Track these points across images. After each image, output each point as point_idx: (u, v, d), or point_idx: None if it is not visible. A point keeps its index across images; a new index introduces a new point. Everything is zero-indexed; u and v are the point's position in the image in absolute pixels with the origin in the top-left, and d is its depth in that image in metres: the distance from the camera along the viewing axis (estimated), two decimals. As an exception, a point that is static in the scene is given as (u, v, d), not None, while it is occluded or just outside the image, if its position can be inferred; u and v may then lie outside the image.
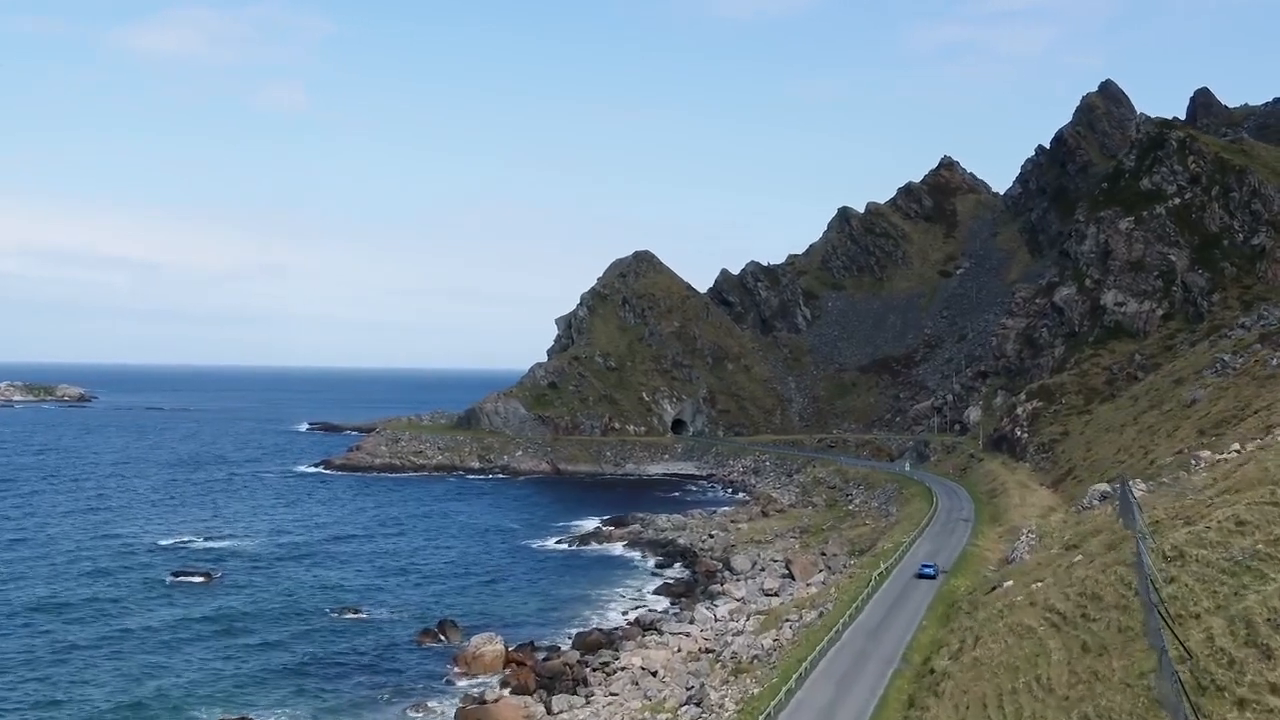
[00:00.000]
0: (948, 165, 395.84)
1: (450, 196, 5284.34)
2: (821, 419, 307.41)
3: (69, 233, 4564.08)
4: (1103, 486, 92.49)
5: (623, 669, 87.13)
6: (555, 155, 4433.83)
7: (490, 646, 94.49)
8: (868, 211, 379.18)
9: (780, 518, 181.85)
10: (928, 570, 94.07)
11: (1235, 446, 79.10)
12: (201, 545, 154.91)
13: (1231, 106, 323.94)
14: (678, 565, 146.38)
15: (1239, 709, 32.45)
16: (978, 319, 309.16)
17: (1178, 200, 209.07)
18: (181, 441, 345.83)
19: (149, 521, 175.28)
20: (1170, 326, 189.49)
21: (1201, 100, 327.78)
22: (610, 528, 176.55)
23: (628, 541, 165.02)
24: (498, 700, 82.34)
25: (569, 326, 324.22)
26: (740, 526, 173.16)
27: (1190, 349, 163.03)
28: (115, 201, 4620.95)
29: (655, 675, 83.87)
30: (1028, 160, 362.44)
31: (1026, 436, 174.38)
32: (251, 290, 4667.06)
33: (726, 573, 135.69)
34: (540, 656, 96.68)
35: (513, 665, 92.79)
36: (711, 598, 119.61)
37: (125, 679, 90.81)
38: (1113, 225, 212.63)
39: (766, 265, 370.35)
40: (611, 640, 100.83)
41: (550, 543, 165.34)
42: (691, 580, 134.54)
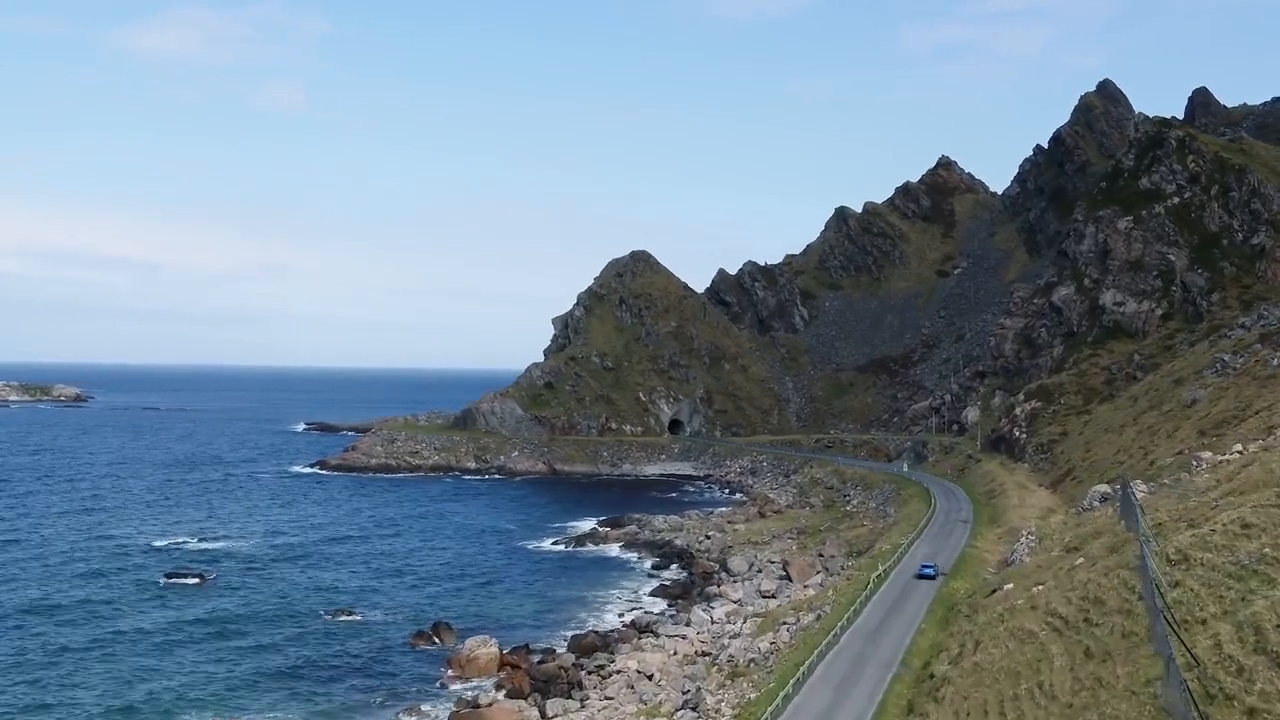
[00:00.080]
0: (945, 165, 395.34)
1: (450, 196, 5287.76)
2: (819, 419, 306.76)
3: (68, 233, 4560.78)
4: (1103, 488, 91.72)
5: (618, 672, 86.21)
6: (555, 155, 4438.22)
7: (485, 649, 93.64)
8: (865, 211, 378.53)
9: (777, 519, 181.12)
10: (928, 570, 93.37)
11: (1237, 447, 78.33)
12: (196, 546, 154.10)
13: (1230, 106, 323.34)
14: (674, 567, 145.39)
15: (1248, 718, 31.60)
16: (976, 319, 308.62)
17: (1177, 200, 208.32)
18: (178, 442, 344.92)
19: (143, 522, 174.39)
20: (1169, 326, 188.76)
21: (1200, 100, 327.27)
22: (606, 529, 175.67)
23: (624, 543, 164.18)
24: (491, 704, 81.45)
25: (566, 326, 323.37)
26: (737, 527, 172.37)
27: (1190, 349, 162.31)
28: (114, 201, 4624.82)
29: (651, 679, 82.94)
30: (1026, 160, 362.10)
31: (1025, 437, 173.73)
32: (251, 291, 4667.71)
33: (723, 574, 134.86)
34: (535, 659, 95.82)
35: (507, 668, 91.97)
36: (708, 600, 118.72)
37: (116, 682, 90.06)
38: (1111, 225, 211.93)
39: (764, 265, 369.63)
40: (607, 643, 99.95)
41: (546, 544, 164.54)
42: (688, 582, 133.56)
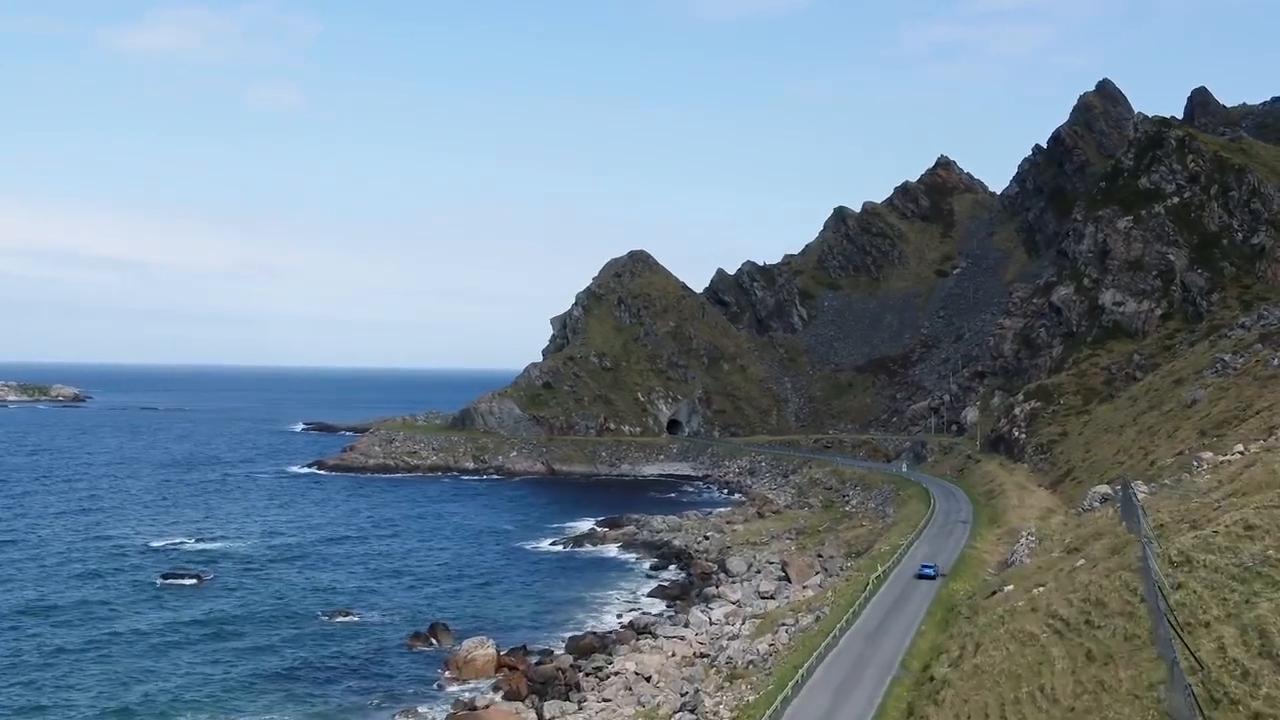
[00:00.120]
0: (944, 165, 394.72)
1: (448, 196, 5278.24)
2: (818, 419, 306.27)
3: (62, 232, 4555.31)
4: (1103, 488, 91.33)
5: (616, 674, 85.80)
6: (553, 155, 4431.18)
7: (482, 650, 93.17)
8: (864, 211, 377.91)
9: (776, 519, 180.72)
10: (928, 570, 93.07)
11: (1239, 448, 77.96)
12: (193, 547, 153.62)
13: (1229, 106, 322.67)
14: (673, 567, 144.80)
15: (1254, 723, 31.18)
16: (974, 319, 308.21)
17: (1176, 199, 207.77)
18: (175, 442, 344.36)
19: (141, 523, 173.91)
20: (1169, 326, 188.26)
21: (1199, 100, 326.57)
22: (605, 529, 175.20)
23: (622, 543, 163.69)
24: (488, 706, 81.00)
25: (564, 326, 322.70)
26: (736, 528, 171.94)
27: (1190, 349, 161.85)
28: (110, 201, 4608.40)
29: (649, 680, 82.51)
30: (1025, 160, 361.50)
31: (1024, 437, 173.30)
32: (249, 291, 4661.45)
33: (722, 575, 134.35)
34: (533, 661, 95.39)
35: (505, 670, 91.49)
36: (707, 600, 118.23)
37: (112, 683, 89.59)
38: (1111, 224, 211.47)
39: (762, 265, 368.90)
40: (605, 644, 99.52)
41: (544, 544, 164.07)
42: (687, 583, 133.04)
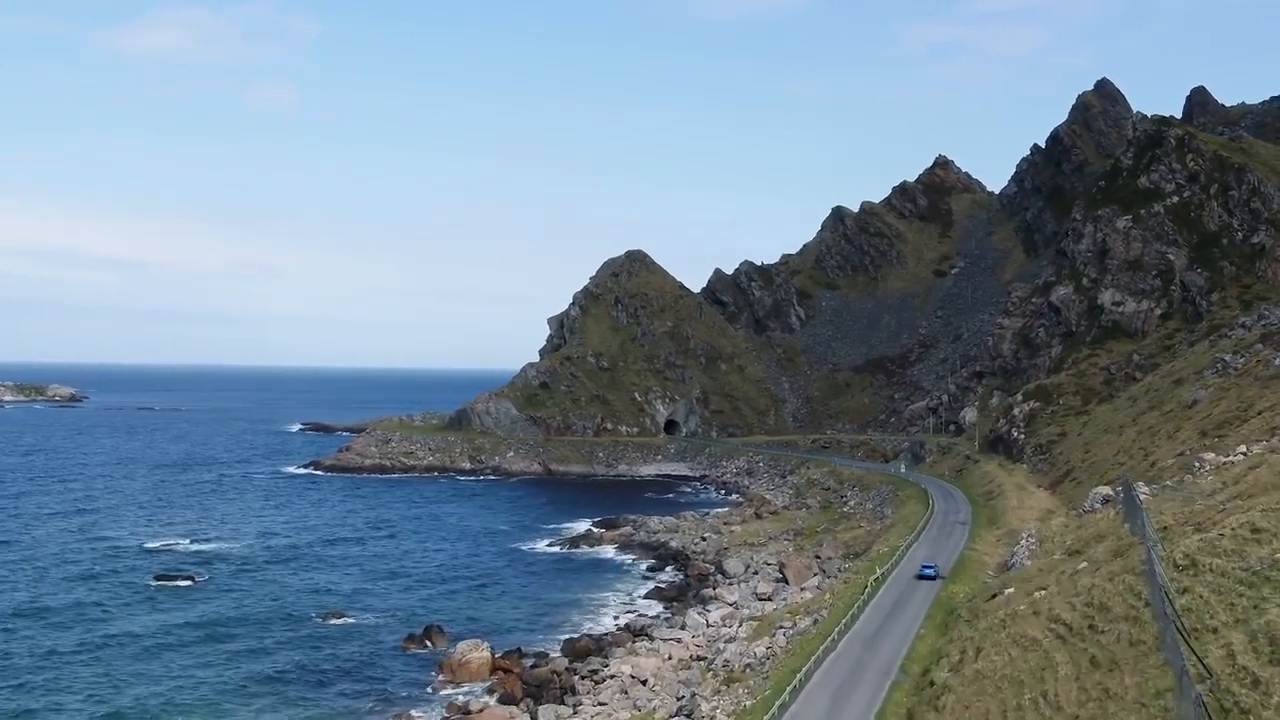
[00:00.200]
0: (942, 164, 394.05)
1: (448, 196, 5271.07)
2: (815, 420, 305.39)
3: (63, 233, 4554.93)
4: (1104, 489, 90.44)
5: (612, 677, 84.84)
6: (552, 155, 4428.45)
7: (476, 653, 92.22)
8: (862, 211, 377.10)
9: (774, 520, 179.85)
10: (928, 571, 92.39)
11: (1241, 449, 77.19)
12: (188, 548, 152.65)
13: (1228, 105, 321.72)
14: (670, 569, 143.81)
15: (1265, 734, 30.29)
16: (973, 319, 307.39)
17: (1176, 198, 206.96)
18: (172, 442, 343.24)
19: (136, 524, 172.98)
20: (1169, 326, 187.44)
21: (1198, 99, 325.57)
22: (602, 530, 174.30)
23: (619, 544, 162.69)
24: (483, 710, 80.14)
25: (561, 326, 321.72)
26: (733, 529, 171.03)
27: (1189, 349, 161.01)
28: (110, 201, 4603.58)
29: (645, 684, 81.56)
30: (1023, 159, 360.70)
31: (1023, 438, 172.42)
32: (251, 291, 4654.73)
33: (719, 576, 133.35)
34: (528, 664, 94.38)
35: (499, 673, 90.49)
36: (704, 602, 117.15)
37: (104, 687, 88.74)
38: (1110, 224, 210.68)
39: (760, 265, 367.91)
40: (601, 647, 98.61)
41: (541, 545, 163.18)
42: (684, 584, 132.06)
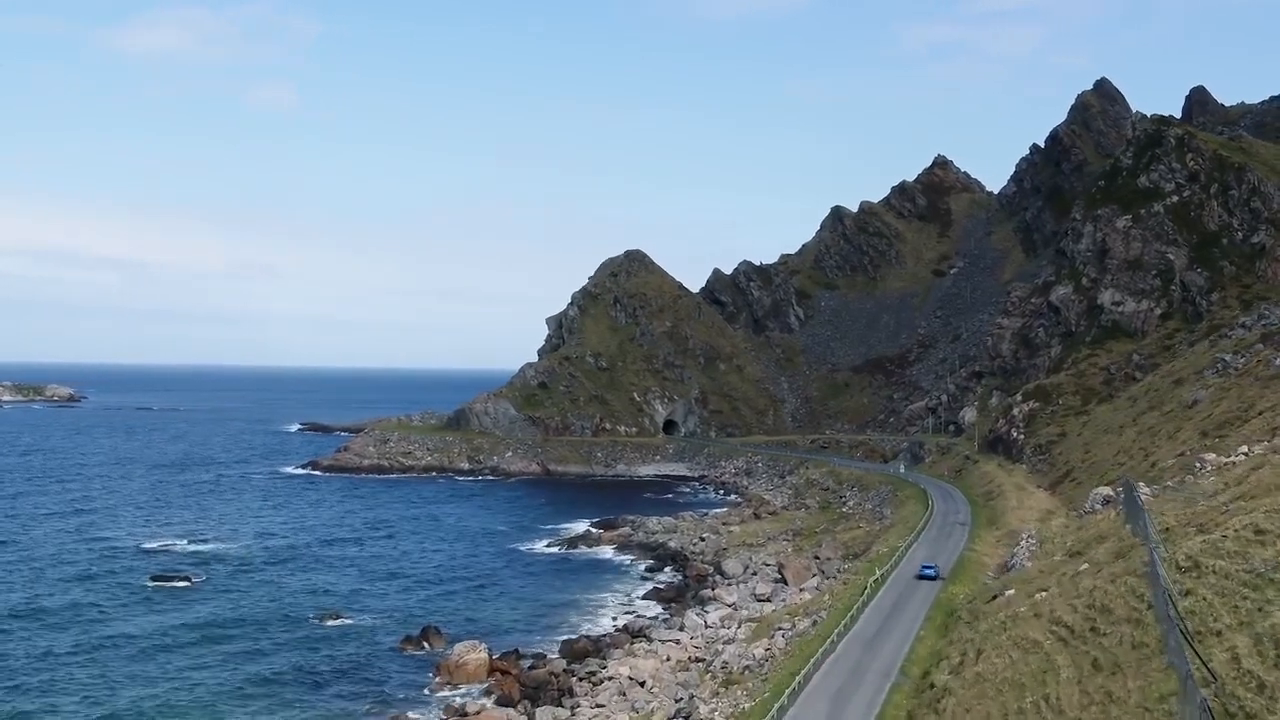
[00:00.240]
0: (941, 164, 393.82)
1: (448, 196, 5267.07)
2: (814, 420, 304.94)
3: (63, 233, 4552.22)
4: (1105, 490, 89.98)
5: (610, 679, 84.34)
6: (552, 155, 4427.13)
7: (474, 655, 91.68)
8: (861, 210, 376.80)
9: (772, 520, 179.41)
10: (929, 571, 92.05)
11: (1243, 449, 76.72)
12: (186, 549, 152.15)
13: (1228, 105, 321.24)
14: (668, 569, 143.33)
15: (1271, 739, 29.83)
16: (972, 319, 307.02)
17: (1176, 198, 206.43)
18: (170, 442, 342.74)
19: (133, 524, 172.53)
20: (1169, 326, 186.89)
21: (1197, 99, 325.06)
22: (600, 530, 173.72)
23: (618, 545, 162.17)
24: (480, 712, 79.67)
25: (560, 326, 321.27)
26: (732, 529, 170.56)
27: (1190, 349, 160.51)
28: (110, 201, 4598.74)
29: (643, 685, 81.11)
30: (1022, 159, 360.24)
31: (1023, 438, 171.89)
32: (251, 291, 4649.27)
33: (718, 577, 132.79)
34: (525, 665, 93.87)
35: (497, 674, 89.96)
36: (702, 603, 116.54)
37: (99, 688, 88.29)
38: (1110, 223, 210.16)
39: (759, 265, 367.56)
40: (599, 648, 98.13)
41: (539, 546, 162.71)
42: (682, 585, 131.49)
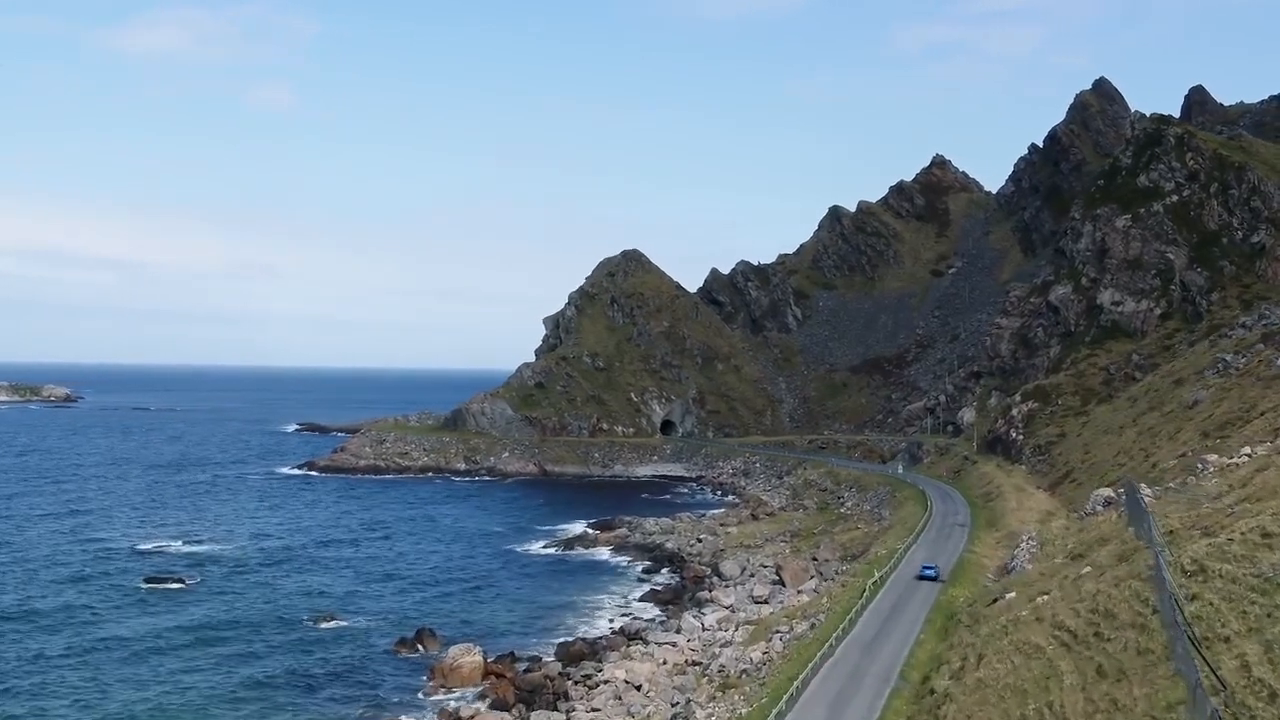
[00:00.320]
0: (939, 164, 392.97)
1: (447, 196, 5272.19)
2: (812, 420, 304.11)
3: (63, 233, 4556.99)
4: (1106, 491, 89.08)
5: (606, 682, 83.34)
6: (552, 155, 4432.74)
7: (468, 658, 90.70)
8: (859, 210, 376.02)
9: (770, 521, 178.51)
10: (929, 572, 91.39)
11: (1245, 450, 75.86)
12: (181, 550, 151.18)
13: (1227, 104, 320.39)
14: (665, 571, 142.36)
15: (1283, 750, 28.94)
16: (970, 319, 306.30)
17: (1175, 197, 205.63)
18: (167, 443, 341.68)
19: (128, 525, 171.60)
20: (1168, 326, 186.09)
21: (1196, 98, 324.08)
22: (597, 531, 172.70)
23: (615, 546, 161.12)
24: (473, 716, 78.76)
25: (557, 326, 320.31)
26: (729, 530, 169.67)
27: (1190, 349, 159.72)
28: (110, 201, 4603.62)
29: (639, 689, 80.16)
30: (1021, 159, 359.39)
31: (1022, 438, 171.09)
32: (250, 291, 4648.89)
33: (715, 578, 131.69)
34: (521, 668, 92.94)
35: (491, 677, 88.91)
36: (699, 605, 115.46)
37: (91, 691, 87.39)
38: (1109, 223, 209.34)
39: (756, 265, 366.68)
40: (595, 651, 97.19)
41: (536, 547, 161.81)
42: (679, 587, 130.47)
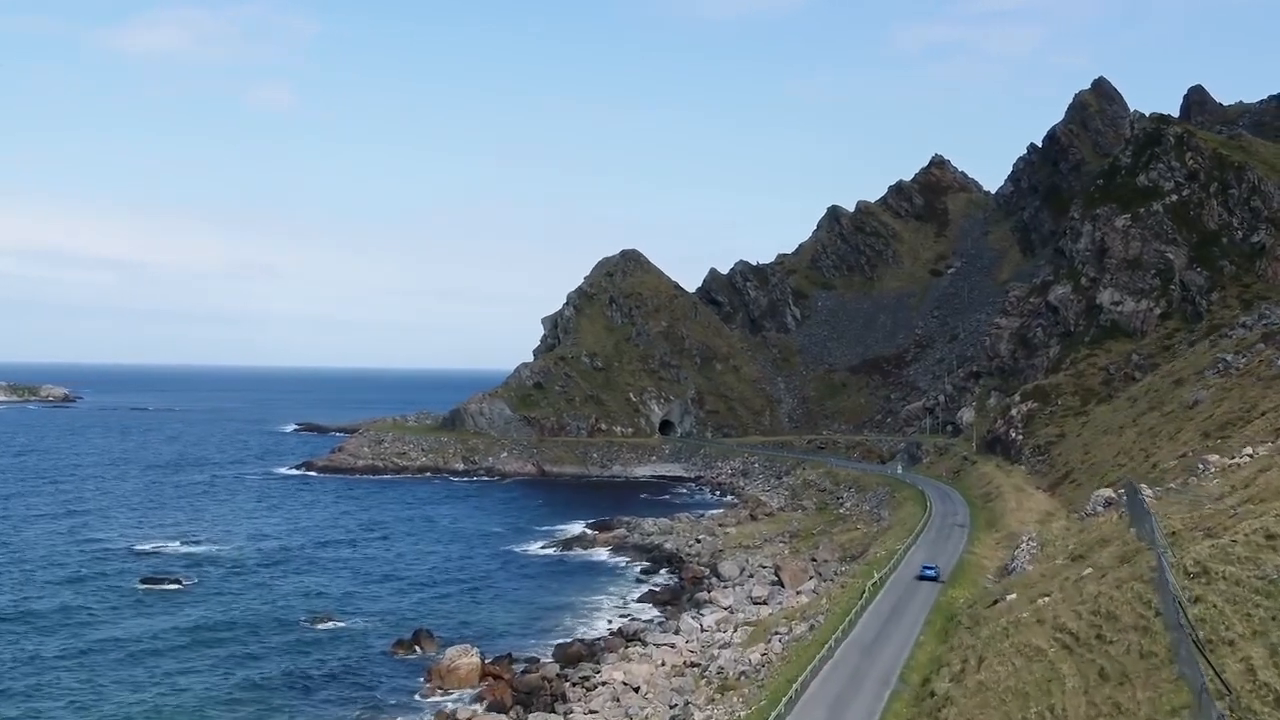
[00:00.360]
0: (938, 164, 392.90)
1: (447, 196, 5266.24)
2: (811, 420, 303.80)
3: (63, 233, 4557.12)
4: (1106, 492, 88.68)
5: (603, 684, 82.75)
6: (551, 155, 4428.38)
7: (466, 659, 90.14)
8: (858, 210, 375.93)
9: (769, 521, 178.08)
10: (929, 572, 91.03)
11: (1247, 451, 75.44)
12: (178, 550, 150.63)
13: (1226, 104, 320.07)
14: (664, 571, 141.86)
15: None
16: (969, 319, 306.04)
17: (1175, 197, 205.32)
18: (165, 443, 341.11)
19: (126, 526, 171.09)
20: (1168, 326, 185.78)
21: (1195, 98, 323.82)
22: (595, 532, 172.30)
23: (613, 546, 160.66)
24: (470, 718, 78.27)
25: (555, 326, 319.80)
26: (728, 530, 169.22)
27: (1190, 349, 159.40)
28: (110, 201, 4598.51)
29: (637, 691, 79.63)
30: (1019, 159, 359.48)
31: (1021, 438, 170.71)
32: (250, 291, 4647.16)
33: (713, 579, 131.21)
34: (518, 670, 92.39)
35: (489, 679, 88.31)
36: (698, 606, 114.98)
37: (86, 693, 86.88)
38: (1109, 222, 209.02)
39: (755, 264, 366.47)
40: (593, 652, 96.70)
41: (534, 547, 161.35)
42: (678, 587, 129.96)
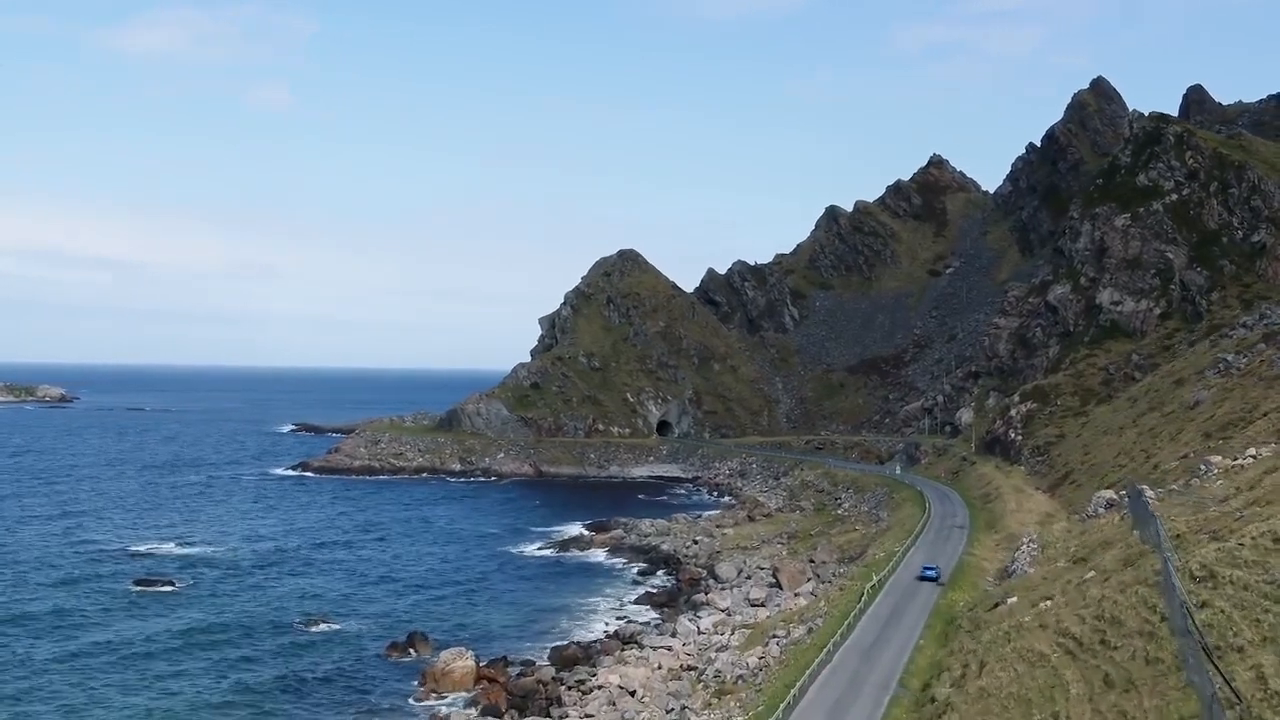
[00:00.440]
0: (937, 163, 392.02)
1: (447, 196, 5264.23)
2: (809, 420, 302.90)
3: (63, 233, 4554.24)
4: (1107, 493, 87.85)
5: (599, 687, 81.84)
6: (553, 155, 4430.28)
7: (460, 662, 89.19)
8: (856, 210, 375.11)
9: (767, 522, 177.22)
10: (929, 573, 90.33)
11: (1250, 452, 74.55)
12: (173, 552, 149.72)
13: (1225, 104, 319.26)
14: (661, 573, 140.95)
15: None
16: (968, 319, 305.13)
17: (1175, 196, 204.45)
18: (161, 444, 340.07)
19: (121, 527, 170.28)
20: (1168, 326, 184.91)
21: (1194, 98, 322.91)
22: (593, 533, 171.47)
23: (610, 547, 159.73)
24: (465, 723, 77.41)
25: (552, 326, 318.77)
26: (726, 532, 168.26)
27: (1190, 349, 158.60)
28: (110, 201, 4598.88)
29: (634, 695, 78.71)
30: (1018, 158, 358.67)
31: (1020, 439, 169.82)
32: (250, 291, 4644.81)
33: (711, 581, 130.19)
34: (513, 673, 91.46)
35: (484, 682, 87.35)
36: (695, 608, 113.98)
37: (77, 696, 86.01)
38: (1108, 222, 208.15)
39: (753, 265, 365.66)
40: (589, 655, 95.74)
41: (531, 549, 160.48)
42: (675, 589, 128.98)
